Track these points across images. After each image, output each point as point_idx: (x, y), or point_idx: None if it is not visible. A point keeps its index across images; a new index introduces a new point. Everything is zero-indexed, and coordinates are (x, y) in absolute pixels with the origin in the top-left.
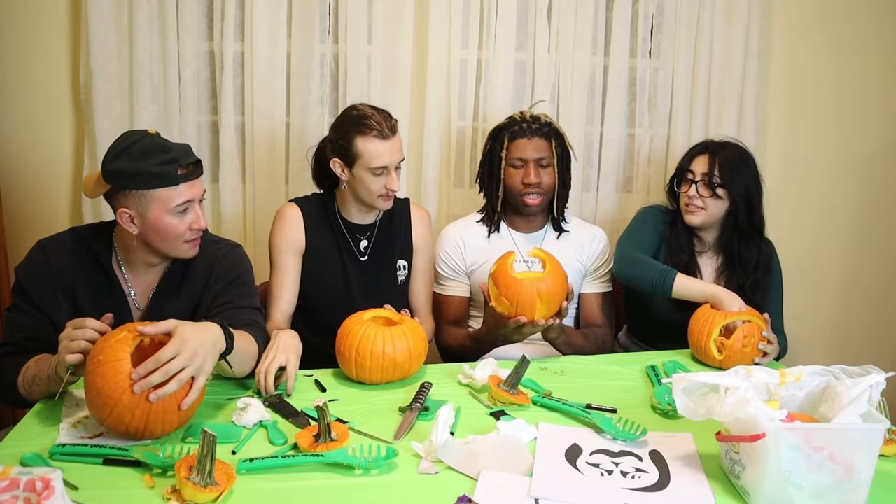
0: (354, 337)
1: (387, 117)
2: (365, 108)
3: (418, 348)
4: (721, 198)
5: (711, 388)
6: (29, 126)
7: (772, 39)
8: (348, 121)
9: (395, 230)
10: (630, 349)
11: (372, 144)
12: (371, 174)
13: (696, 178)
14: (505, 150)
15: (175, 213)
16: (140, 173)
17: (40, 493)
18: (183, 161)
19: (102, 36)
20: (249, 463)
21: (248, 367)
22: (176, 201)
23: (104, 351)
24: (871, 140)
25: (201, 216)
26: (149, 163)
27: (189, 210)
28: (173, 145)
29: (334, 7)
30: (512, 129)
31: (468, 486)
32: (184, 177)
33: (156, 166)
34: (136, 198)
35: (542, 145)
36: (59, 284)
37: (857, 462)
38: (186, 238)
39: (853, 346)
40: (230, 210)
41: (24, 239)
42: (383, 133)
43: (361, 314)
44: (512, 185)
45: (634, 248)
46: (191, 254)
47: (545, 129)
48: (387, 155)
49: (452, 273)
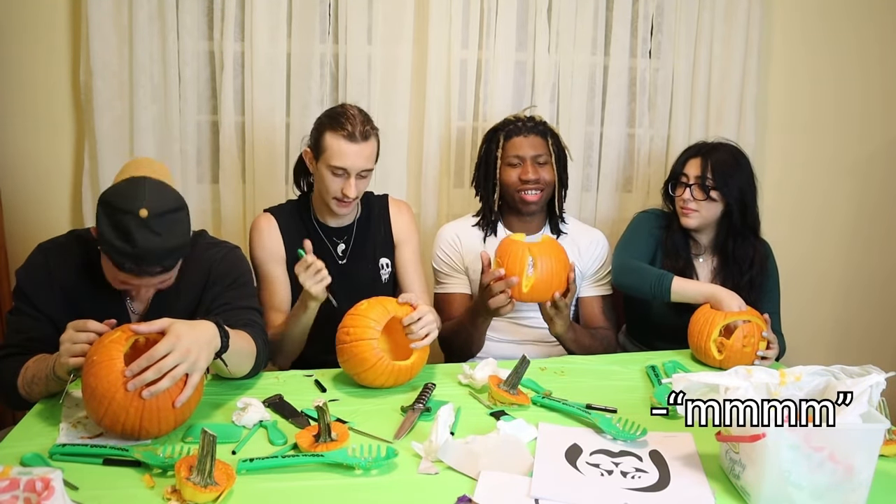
0: (366, 363)
1: (365, 122)
2: (351, 108)
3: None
4: (715, 200)
5: (711, 388)
6: (29, 126)
7: (772, 39)
8: (328, 114)
9: (374, 229)
10: (629, 349)
11: (337, 142)
12: (330, 172)
13: (690, 181)
14: (501, 150)
15: (120, 281)
16: (101, 238)
17: (40, 493)
18: (140, 264)
19: (102, 36)
20: (249, 463)
21: (245, 366)
22: (119, 276)
23: (98, 351)
24: (871, 140)
25: (141, 295)
26: (111, 238)
27: (131, 289)
28: (148, 242)
29: (334, 7)
30: (507, 129)
31: (468, 486)
32: (135, 272)
33: (112, 249)
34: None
35: (538, 142)
36: (59, 287)
37: (857, 462)
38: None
39: (853, 345)
40: (230, 210)
41: (23, 239)
42: (353, 135)
43: (370, 326)
44: (510, 184)
45: (630, 255)
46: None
47: (540, 127)
48: (348, 157)
49: (451, 271)
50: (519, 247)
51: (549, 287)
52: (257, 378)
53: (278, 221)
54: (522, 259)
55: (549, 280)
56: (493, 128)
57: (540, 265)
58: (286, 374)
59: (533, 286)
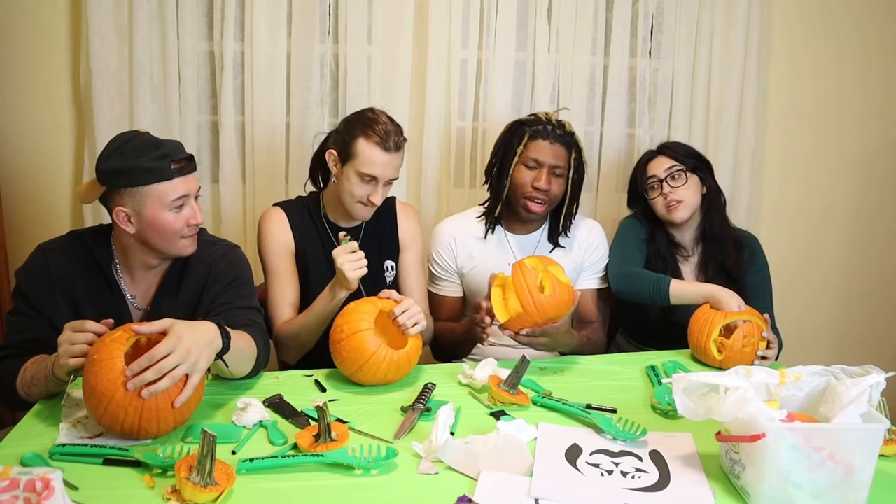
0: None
1: (398, 132)
2: (382, 115)
3: (413, 360)
4: (691, 175)
5: (711, 388)
6: (29, 126)
7: (772, 39)
8: (360, 119)
9: (381, 231)
10: (626, 350)
11: (371, 149)
12: (359, 178)
13: (662, 176)
14: (522, 147)
15: (171, 209)
16: (134, 170)
17: (40, 493)
18: (175, 156)
19: (102, 36)
20: (249, 463)
21: (245, 367)
22: (171, 196)
23: (99, 350)
24: (871, 139)
25: (198, 211)
26: (142, 159)
27: (185, 205)
28: (165, 142)
29: (334, 7)
30: (535, 128)
31: (468, 486)
32: (178, 171)
33: (149, 161)
34: (131, 196)
35: (560, 153)
36: (59, 288)
37: (857, 462)
38: (184, 234)
39: (853, 345)
40: (230, 210)
41: (24, 240)
42: (387, 144)
43: (363, 318)
44: (520, 185)
45: (626, 262)
46: (189, 250)
47: (567, 138)
48: (381, 166)
49: (445, 273)
50: (498, 279)
51: (525, 319)
52: (257, 378)
53: (288, 216)
54: (495, 286)
55: (524, 313)
56: (519, 120)
57: (515, 293)
58: (286, 374)
59: (506, 315)
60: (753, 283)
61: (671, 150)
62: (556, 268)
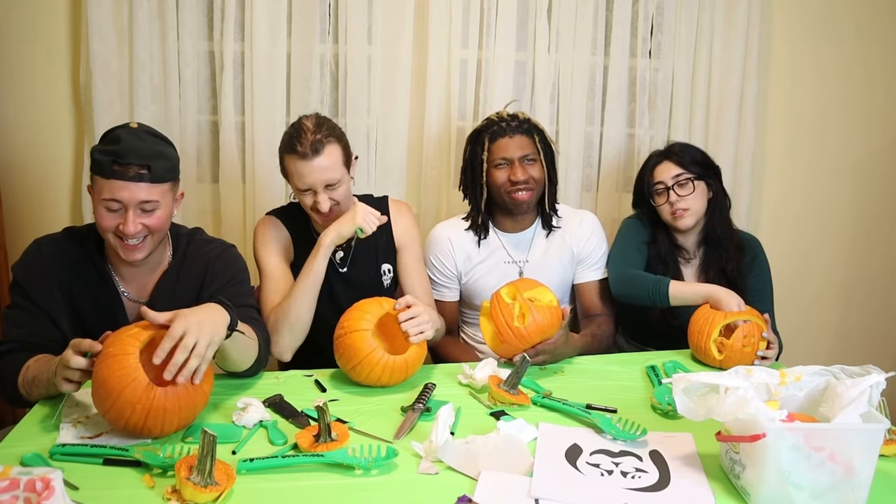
0: (364, 362)
1: (316, 131)
2: (305, 120)
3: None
4: (698, 183)
5: (711, 388)
6: (29, 126)
7: (772, 39)
8: (284, 136)
9: (375, 234)
10: (626, 350)
11: (294, 165)
12: (299, 192)
13: (669, 184)
14: (486, 153)
15: (105, 207)
16: (91, 155)
17: (40, 493)
18: (124, 159)
19: (102, 36)
20: (249, 463)
21: (249, 356)
22: (102, 194)
23: (114, 343)
24: (872, 139)
25: (129, 222)
26: (96, 147)
27: (119, 212)
28: (134, 143)
29: (334, 7)
30: (491, 130)
31: (468, 486)
32: (118, 174)
33: (98, 153)
34: (93, 183)
35: (524, 142)
36: (56, 282)
37: (857, 462)
38: (118, 235)
39: (854, 345)
40: (230, 210)
41: (24, 239)
42: (304, 153)
43: (364, 318)
44: (499, 185)
45: (625, 264)
46: (131, 256)
47: (525, 125)
48: (307, 176)
49: (444, 278)
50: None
51: (511, 345)
52: (257, 378)
53: (283, 222)
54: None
55: (507, 339)
56: (475, 129)
57: (495, 318)
58: (286, 375)
59: (489, 337)
60: (754, 286)
61: (678, 155)
62: (539, 290)
